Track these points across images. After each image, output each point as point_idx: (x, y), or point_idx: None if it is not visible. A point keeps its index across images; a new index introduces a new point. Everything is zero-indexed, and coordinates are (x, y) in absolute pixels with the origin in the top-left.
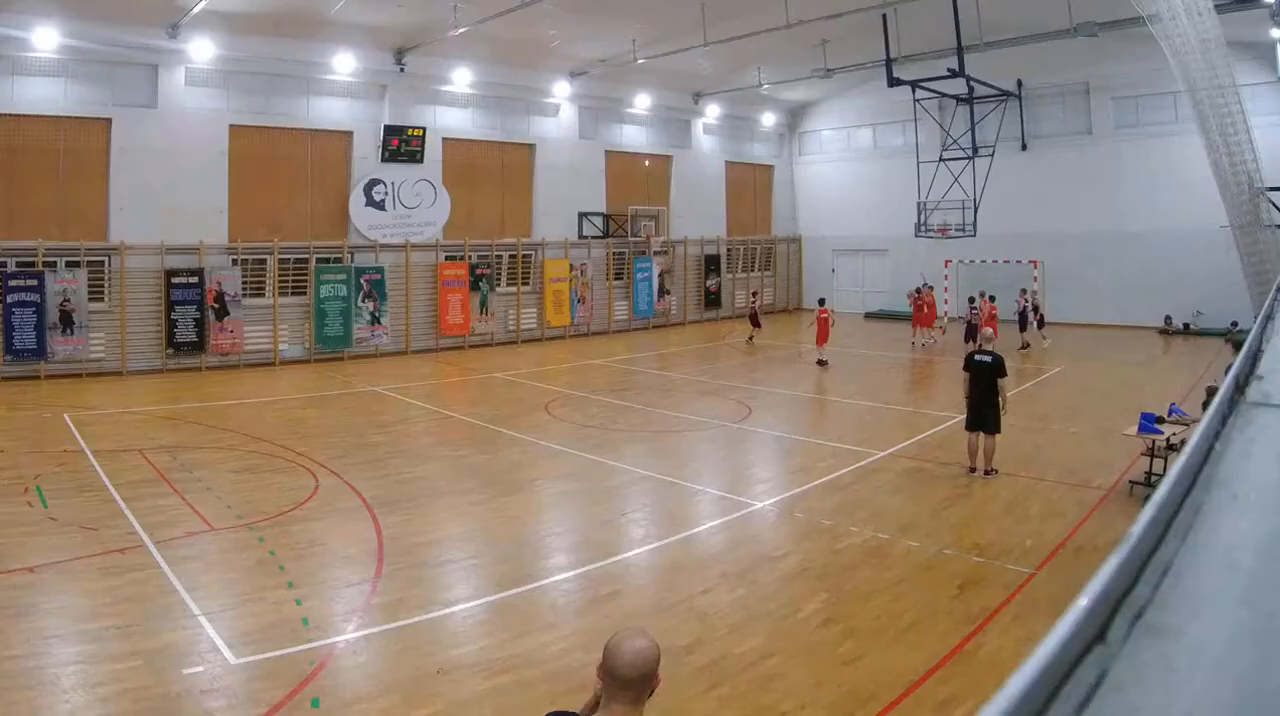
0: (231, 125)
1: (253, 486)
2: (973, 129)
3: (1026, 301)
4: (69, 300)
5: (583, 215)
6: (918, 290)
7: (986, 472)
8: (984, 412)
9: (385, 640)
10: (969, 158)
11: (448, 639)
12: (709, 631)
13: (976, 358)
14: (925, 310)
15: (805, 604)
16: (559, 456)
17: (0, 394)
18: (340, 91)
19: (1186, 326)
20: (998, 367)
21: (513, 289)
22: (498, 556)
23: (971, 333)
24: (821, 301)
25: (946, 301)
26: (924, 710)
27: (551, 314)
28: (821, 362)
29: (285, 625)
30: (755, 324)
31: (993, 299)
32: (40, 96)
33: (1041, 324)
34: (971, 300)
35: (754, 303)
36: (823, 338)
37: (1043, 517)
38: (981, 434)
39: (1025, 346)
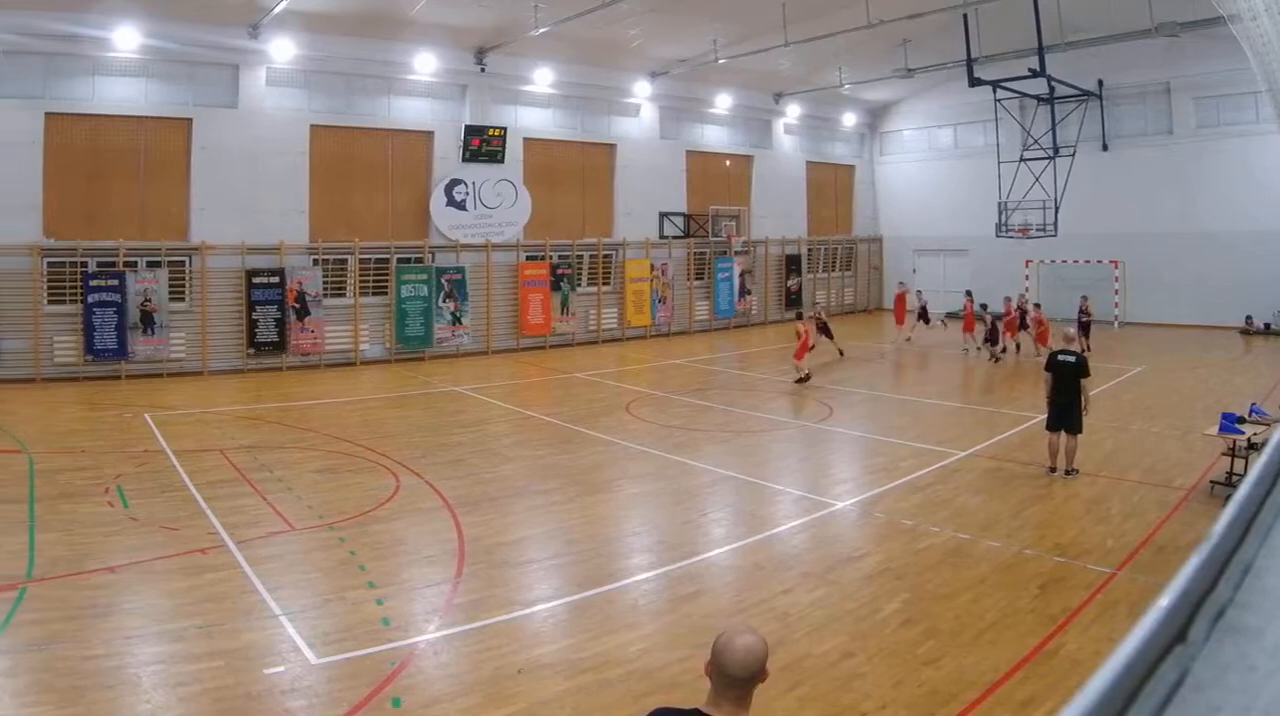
0: (312, 125)
1: (334, 486)
2: (1054, 129)
3: (1014, 307)
4: (150, 300)
5: (663, 215)
6: (919, 292)
7: (1067, 473)
8: (1066, 413)
9: (466, 640)
10: (1050, 158)
11: (528, 639)
12: (790, 631)
13: (1059, 357)
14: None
15: (886, 604)
16: (640, 456)
17: (81, 394)
18: (421, 91)
19: (1268, 326)
20: (1080, 368)
21: (593, 289)
22: (578, 556)
23: (993, 335)
24: (799, 314)
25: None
26: (1004, 710)
27: (632, 314)
28: (801, 381)
29: (366, 625)
30: (828, 335)
31: (1029, 303)
32: (121, 96)
33: (1024, 326)
34: (1009, 299)
35: (818, 311)
36: (802, 351)
37: (1123, 517)
38: (1063, 433)
39: (1003, 351)
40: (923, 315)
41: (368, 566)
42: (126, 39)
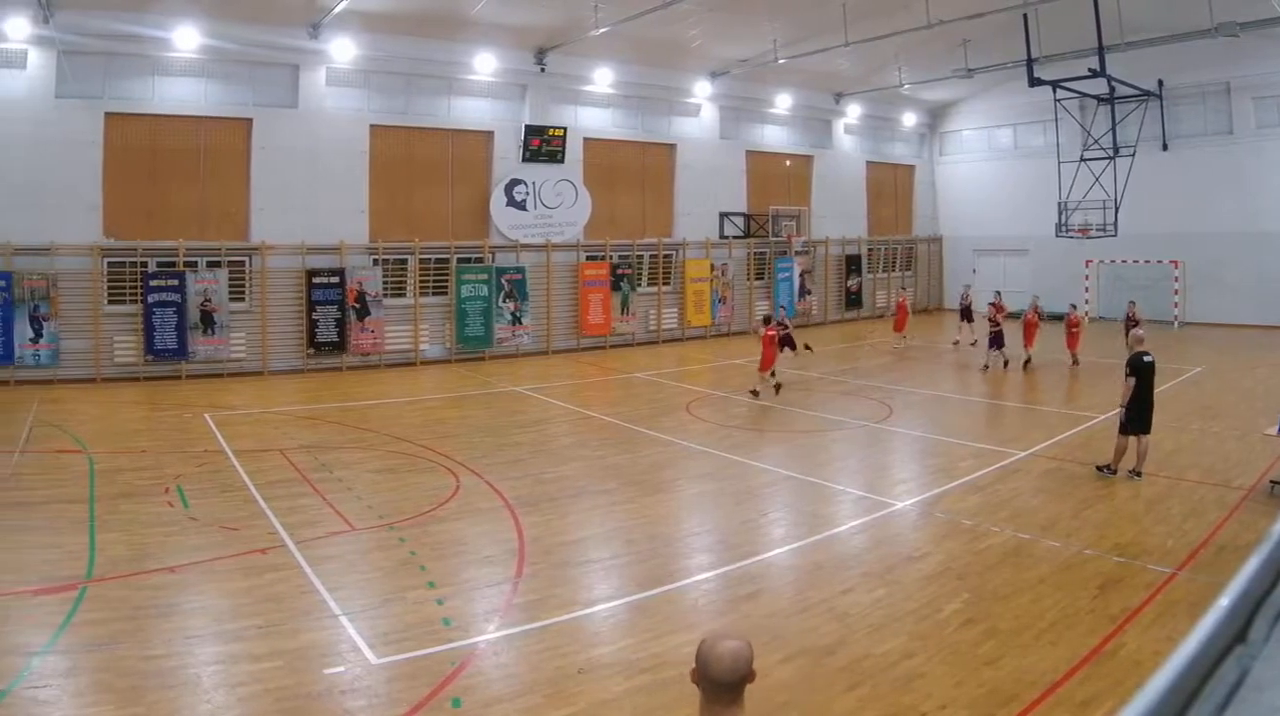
0: (372, 125)
1: (393, 486)
2: (1113, 129)
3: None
4: (210, 300)
5: (724, 215)
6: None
7: (1138, 474)
8: (1147, 414)
9: (526, 640)
10: (1110, 157)
11: (588, 639)
12: (850, 631)
13: (1146, 359)
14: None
15: (946, 604)
16: (700, 456)
17: (141, 393)
18: (481, 91)
19: None
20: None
21: (654, 289)
22: (638, 556)
23: (997, 339)
24: (767, 319)
25: (1088, 302)
26: (1064, 710)
27: (692, 314)
28: (756, 392)
29: (426, 625)
30: (790, 346)
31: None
32: (181, 96)
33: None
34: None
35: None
36: (766, 361)
37: (1183, 517)
38: (1142, 436)
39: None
40: (966, 315)
41: (428, 566)
42: (186, 39)
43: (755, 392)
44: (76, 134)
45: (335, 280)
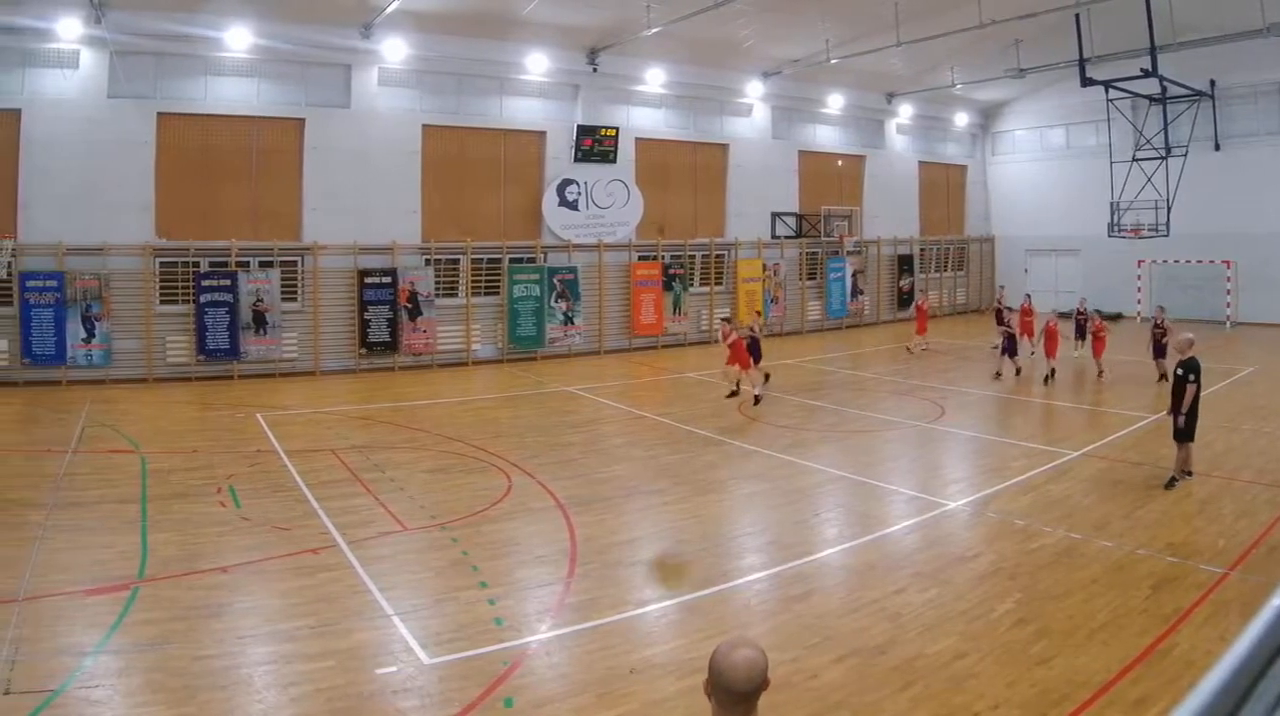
0: (424, 125)
1: (445, 486)
2: (1165, 129)
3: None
4: (262, 300)
5: (776, 215)
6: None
7: (1189, 474)
8: (1193, 421)
9: (578, 640)
10: (1162, 157)
11: (641, 639)
12: (902, 631)
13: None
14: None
15: (998, 604)
16: (752, 456)
17: (193, 393)
18: (533, 91)
19: None
20: None
21: (706, 289)
22: (690, 556)
23: (1010, 345)
24: (727, 318)
25: (1139, 302)
26: (1117, 710)
27: (745, 314)
28: (733, 394)
29: (478, 625)
30: (755, 356)
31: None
32: (233, 96)
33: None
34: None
35: (755, 326)
36: (743, 361)
37: (1235, 517)
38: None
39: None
40: (1000, 317)
41: (480, 566)
42: (238, 39)
43: (735, 393)
44: (129, 134)
45: (387, 280)
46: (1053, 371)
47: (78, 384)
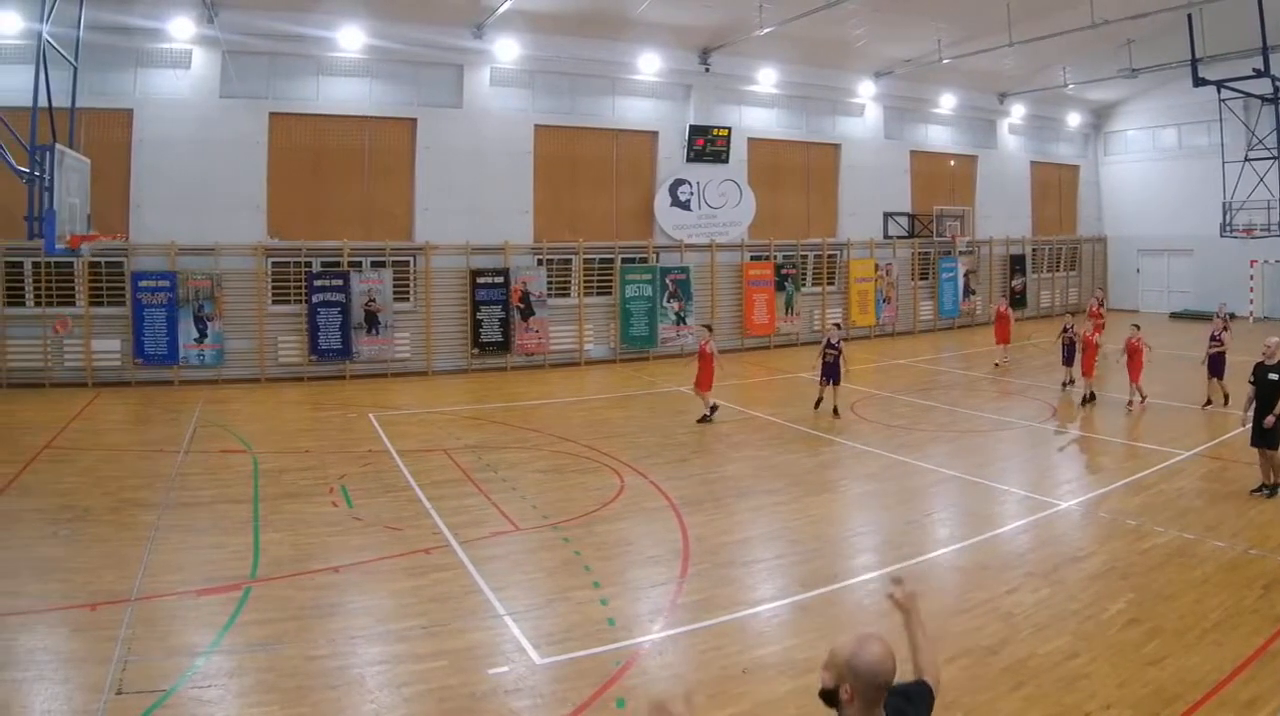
0: (536, 125)
1: (558, 486)
2: (1278, 128)
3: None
4: (374, 300)
5: (888, 215)
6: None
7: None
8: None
9: (690, 640)
10: (1274, 157)
11: (752, 639)
12: (1014, 631)
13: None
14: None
15: (1110, 604)
16: (864, 456)
17: (305, 393)
18: (645, 91)
19: None
20: None
21: (818, 289)
22: (802, 556)
23: (1068, 353)
24: (710, 326)
25: (1252, 302)
26: (1229, 711)
27: (857, 314)
28: (706, 417)
29: (590, 625)
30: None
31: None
32: (345, 96)
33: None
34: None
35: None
36: (706, 380)
37: None
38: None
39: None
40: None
41: (592, 566)
42: (351, 39)
43: (712, 411)
44: (241, 134)
45: (500, 280)
46: (1089, 395)
47: (190, 384)
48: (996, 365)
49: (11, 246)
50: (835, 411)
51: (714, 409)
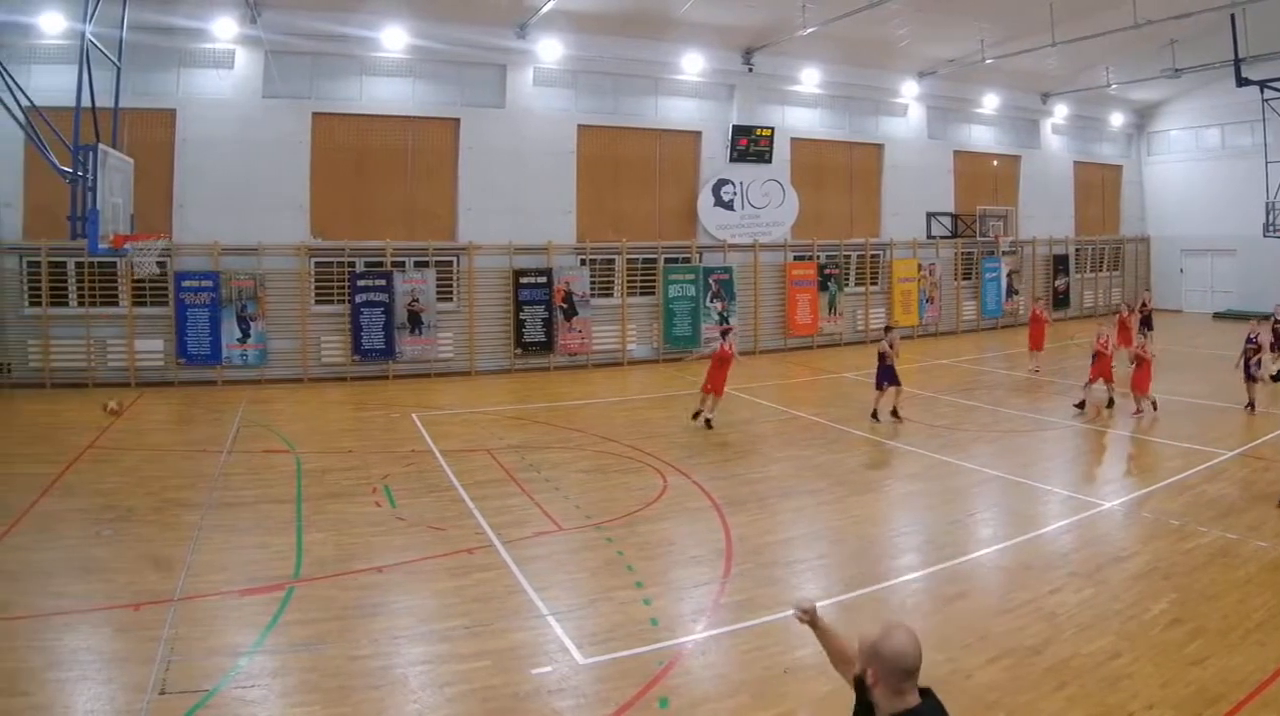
0: (579, 125)
1: (601, 486)
2: None
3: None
4: (417, 300)
5: (931, 215)
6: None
7: None
8: None
9: (733, 640)
10: None
11: (795, 639)
12: (1057, 631)
13: None
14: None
15: (1153, 604)
16: (907, 456)
17: (348, 393)
18: (688, 91)
19: None
20: None
21: (861, 289)
22: (845, 556)
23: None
24: (725, 332)
25: None
26: (1272, 711)
27: (900, 314)
28: (709, 423)
29: (633, 625)
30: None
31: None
32: (388, 96)
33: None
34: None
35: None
36: (718, 383)
37: None
38: None
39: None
40: (1147, 322)
41: (635, 566)
42: (394, 39)
43: (707, 422)
44: (284, 134)
45: (543, 280)
46: (1110, 401)
47: (232, 384)
48: (1036, 371)
49: (54, 247)
50: (895, 413)
51: (709, 422)
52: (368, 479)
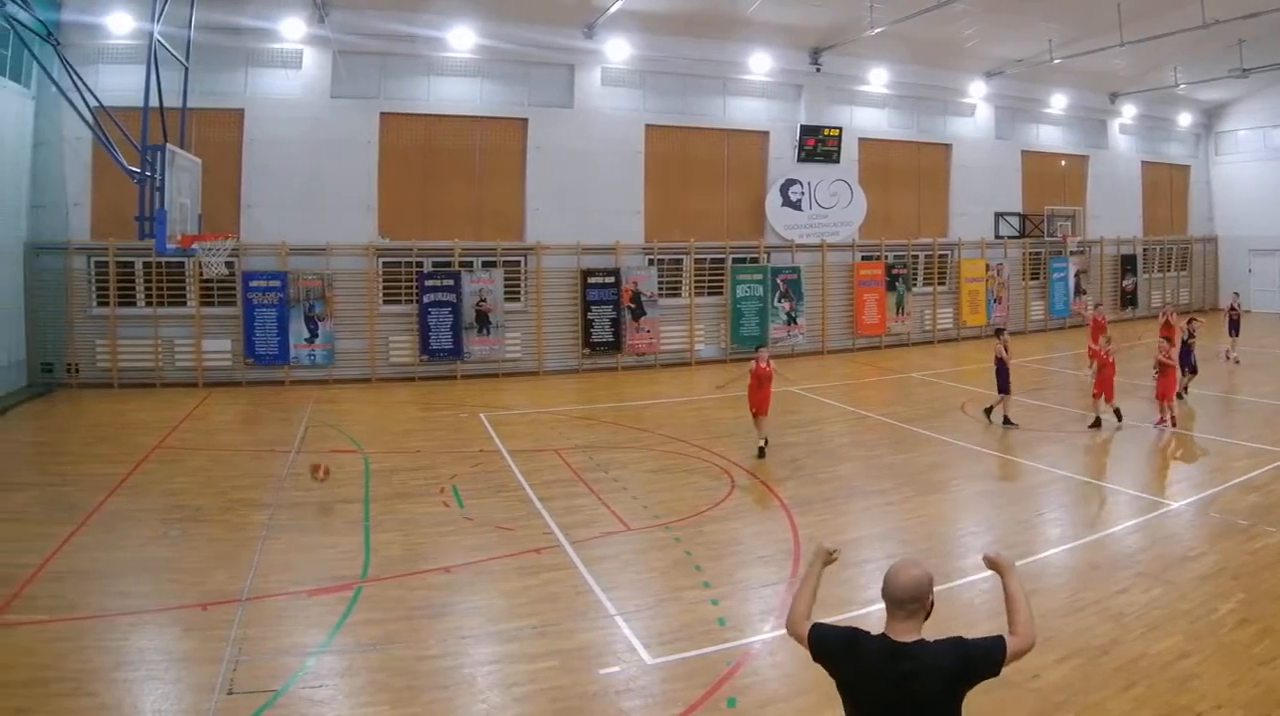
0: (647, 125)
1: (668, 486)
2: None
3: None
4: (485, 300)
5: (999, 215)
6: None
7: None
8: None
9: None
10: None
11: None
12: (1125, 631)
13: None
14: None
15: (1221, 604)
16: (975, 456)
17: (417, 394)
18: (756, 91)
19: None
20: None
21: (929, 289)
22: (914, 556)
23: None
24: (759, 346)
25: None
26: None
27: (967, 313)
28: (761, 451)
29: (701, 625)
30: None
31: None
32: (456, 96)
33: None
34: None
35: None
36: (762, 403)
37: None
38: None
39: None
40: (1234, 327)
41: (703, 566)
42: (462, 39)
43: (760, 449)
44: (352, 134)
45: (610, 280)
46: (1097, 419)
47: (300, 384)
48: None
49: (122, 247)
50: (1006, 420)
51: (761, 451)
52: (436, 479)
